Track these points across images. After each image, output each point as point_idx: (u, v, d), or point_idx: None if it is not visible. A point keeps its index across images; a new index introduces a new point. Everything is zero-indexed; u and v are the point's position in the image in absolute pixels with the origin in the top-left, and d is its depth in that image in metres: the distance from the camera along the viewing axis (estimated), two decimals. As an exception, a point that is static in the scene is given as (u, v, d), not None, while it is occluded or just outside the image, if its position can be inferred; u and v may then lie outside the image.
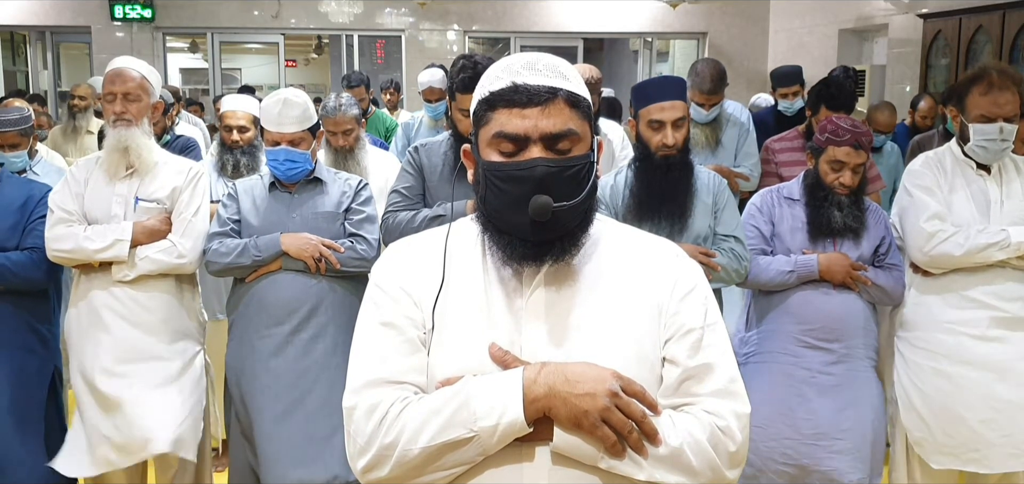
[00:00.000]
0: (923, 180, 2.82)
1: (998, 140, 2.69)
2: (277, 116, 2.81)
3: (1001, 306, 2.72)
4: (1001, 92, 2.66)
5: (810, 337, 2.78)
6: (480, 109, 1.30)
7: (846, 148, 2.73)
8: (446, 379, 1.25)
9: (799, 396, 2.77)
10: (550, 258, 1.27)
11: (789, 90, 4.63)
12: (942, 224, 2.73)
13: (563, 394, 1.19)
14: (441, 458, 1.21)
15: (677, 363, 1.28)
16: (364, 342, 1.31)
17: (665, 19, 10.43)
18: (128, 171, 2.84)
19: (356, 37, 10.64)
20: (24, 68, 11.12)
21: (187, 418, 2.84)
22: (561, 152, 1.25)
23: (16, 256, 2.82)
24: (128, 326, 2.78)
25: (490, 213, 1.29)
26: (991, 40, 6.71)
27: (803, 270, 2.77)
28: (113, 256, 2.74)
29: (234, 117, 3.74)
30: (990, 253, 2.68)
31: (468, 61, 2.74)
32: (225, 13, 10.07)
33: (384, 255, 1.41)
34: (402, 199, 2.84)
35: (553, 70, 1.28)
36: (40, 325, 2.95)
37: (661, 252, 1.37)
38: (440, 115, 4.92)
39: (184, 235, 2.81)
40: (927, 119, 5.90)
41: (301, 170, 2.86)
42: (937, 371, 2.79)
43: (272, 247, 2.76)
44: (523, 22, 10.35)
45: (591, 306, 1.29)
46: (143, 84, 2.83)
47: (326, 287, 2.80)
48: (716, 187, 2.79)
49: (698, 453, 1.23)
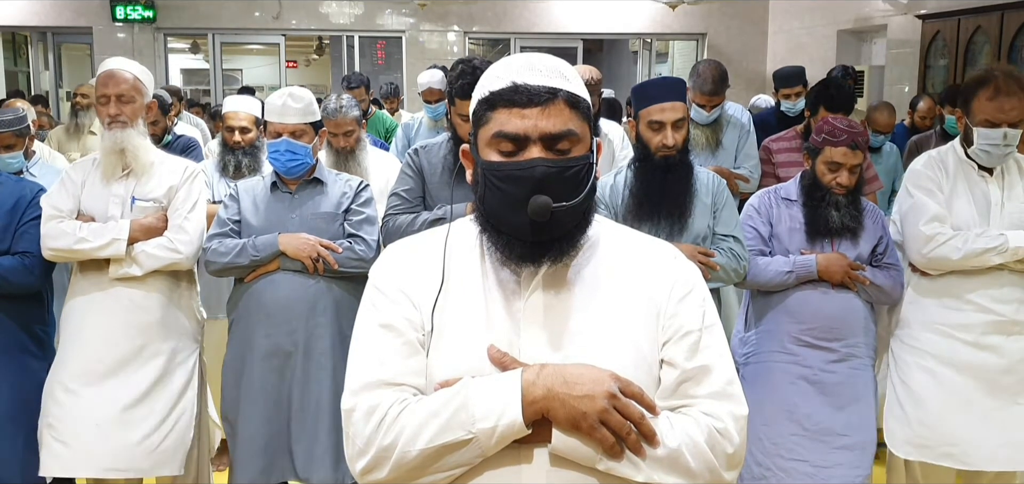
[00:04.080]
0: (924, 181, 2.82)
1: (1001, 145, 2.69)
2: (281, 107, 2.82)
3: (997, 309, 2.73)
4: (1007, 98, 2.66)
5: (809, 336, 2.78)
6: (480, 109, 1.30)
7: (843, 149, 2.73)
8: (445, 381, 1.25)
9: (801, 395, 2.78)
10: (548, 259, 1.27)
11: (792, 91, 4.63)
12: (941, 227, 2.74)
13: (561, 396, 1.20)
14: (440, 460, 1.21)
15: (675, 365, 1.29)
16: (363, 344, 1.31)
17: (664, 20, 10.43)
18: (124, 172, 2.84)
19: (357, 38, 10.65)
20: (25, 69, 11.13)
21: (171, 434, 2.82)
22: (561, 152, 1.25)
23: (8, 262, 2.80)
24: (122, 327, 2.78)
25: (489, 213, 1.29)
26: (990, 41, 6.71)
27: (802, 270, 2.77)
28: (111, 254, 2.73)
29: (235, 118, 3.74)
30: (988, 257, 2.69)
31: (467, 66, 2.73)
32: (226, 14, 10.07)
33: (383, 256, 1.41)
34: (402, 202, 2.83)
35: (553, 71, 1.28)
36: (35, 326, 2.95)
37: (659, 254, 1.37)
38: (440, 116, 4.92)
39: (180, 231, 2.81)
40: (926, 119, 5.90)
41: (302, 163, 2.85)
42: (925, 368, 2.81)
43: (270, 247, 2.76)
44: (523, 23, 10.36)
45: (589, 308, 1.29)
46: (136, 85, 2.83)
47: (324, 287, 2.79)
48: (715, 187, 2.80)
49: (696, 455, 1.23)
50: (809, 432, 2.77)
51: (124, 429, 2.75)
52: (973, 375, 2.74)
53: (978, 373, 2.74)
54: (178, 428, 2.85)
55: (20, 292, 2.85)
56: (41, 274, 2.87)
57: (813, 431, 2.76)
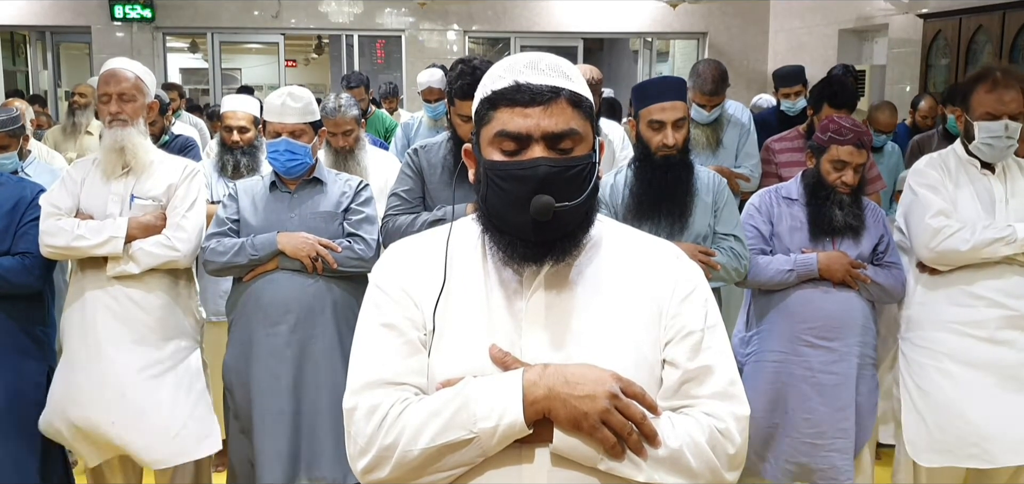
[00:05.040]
0: (928, 178, 2.81)
1: (1003, 137, 2.69)
2: (280, 107, 2.81)
3: (1010, 304, 2.70)
4: (1006, 89, 2.67)
5: (810, 335, 2.78)
6: (482, 108, 1.30)
7: (849, 147, 2.73)
8: (446, 380, 1.25)
9: (799, 395, 2.77)
10: (551, 259, 1.27)
11: (792, 90, 4.63)
12: (948, 220, 2.72)
13: (563, 396, 1.19)
14: (441, 459, 1.21)
15: (677, 365, 1.28)
16: (364, 343, 1.31)
17: (665, 19, 10.43)
18: (124, 170, 2.84)
19: (356, 37, 10.64)
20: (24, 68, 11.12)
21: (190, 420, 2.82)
22: (563, 152, 1.25)
23: (8, 262, 2.81)
24: (121, 326, 2.77)
25: (491, 213, 1.29)
26: (991, 40, 6.71)
27: (803, 269, 2.77)
28: (108, 252, 2.73)
29: (234, 117, 3.74)
30: (996, 248, 2.67)
31: (467, 67, 2.72)
32: (225, 13, 10.07)
33: (385, 256, 1.41)
34: (402, 202, 2.83)
35: (555, 70, 1.28)
36: (35, 327, 2.95)
37: (661, 254, 1.37)
38: (440, 115, 4.91)
39: (178, 229, 2.81)
40: (927, 119, 5.90)
41: (301, 163, 2.84)
42: (940, 370, 2.78)
43: (268, 246, 2.75)
44: (523, 22, 10.35)
45: (591, 308, 1.29)
46: (137, 84, 2.84)
47: (323, 287, 2.78)
48: (716, 186, 2.80)
49: (697, 455, 1.23)
50: (805, 433, 2.76)
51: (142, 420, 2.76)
52: (991, 371, 2.71)
53: (996, 369, 2.71)
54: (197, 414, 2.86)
55: (20, 292, 2.85)
56: (41, 274, 2.88)
57: (809, 432, 2.76)
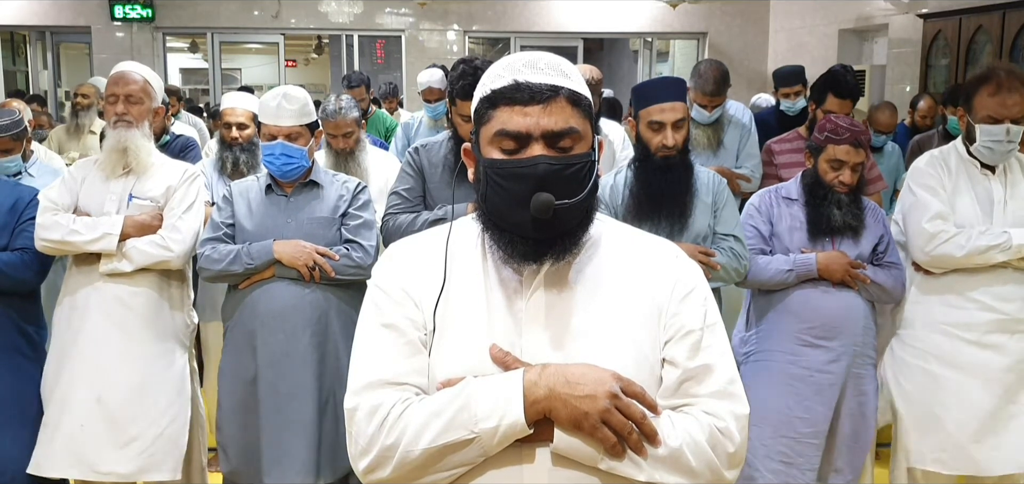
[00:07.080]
0: (927, 179, 2.82)
1: (1004, 141, 2.70)
2: (275, 109, 2.75)
3: (1001, 308, 2.72)
4: (1009, 93, 2.67)
5: (809, 335, 2.78)
6: (482, 107, 1.30)
7: (846, 147, 2.73)
8: (447, 380, 1.25)
9: (797, 396, 2.77)
10: (551, 257, 1.27)
11: (791, 90, 4.63)
12: (944, 224, 2.74)
13: (563, 395, 1.19)
14: (442, 459, 1.21)
15: (677, 364, 1.28)
16: (365, 344, 1.31)
17: (665, 19, 10.43)
18: (125, 170, 2.86)
19: (356, 37, 10.64)
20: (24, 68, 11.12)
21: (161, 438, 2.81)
22: (563, 150, 1.25)
23: (6, 257, 2.82)
24: (110, 325, 2.77)
25: (491, 211, 1.29)
26: (991, 40, 6.71)
27: (802, 269, 2.77)
28: (102, 248, 2.74)
29: (233, 114, 3.74)
30: (991, 255, 2.69)
31: (468, 67, 2.71)
32: (225, 13, 10.06)
33: (385, 256, 1.41)
34: (402, 201, 2.82)
35: (555, 68, 1.28)
36: (28, 326, 2.95)
37: (661, 253, 1.37)
38: (440, 115, 4.91)
39: (173, 230, 2.81)
40: (927, 119, 5.91)
41: (297, 167, 2.78)
42: (924, 371, 2.82)
43: (264, 255, 2.69)
44: (523, 22, 10.35)
45: (591, 308, 1.29)
46: (145, 88, 2.87)
47: (321, 295, 2.73)
48: (716, 186, 2.80)
49: (697, 454, 1.23)
50: (802, 434, 2.76)
51: (112, 430, 2.75)
52: (976, 374, 2.74)
53: (981, 372, 2.74)
54: (170, 432, 2.84)
55: (17, 288, 2.86)
56: (39, 270, 2.89)
57: (807, 433, 2.76)
